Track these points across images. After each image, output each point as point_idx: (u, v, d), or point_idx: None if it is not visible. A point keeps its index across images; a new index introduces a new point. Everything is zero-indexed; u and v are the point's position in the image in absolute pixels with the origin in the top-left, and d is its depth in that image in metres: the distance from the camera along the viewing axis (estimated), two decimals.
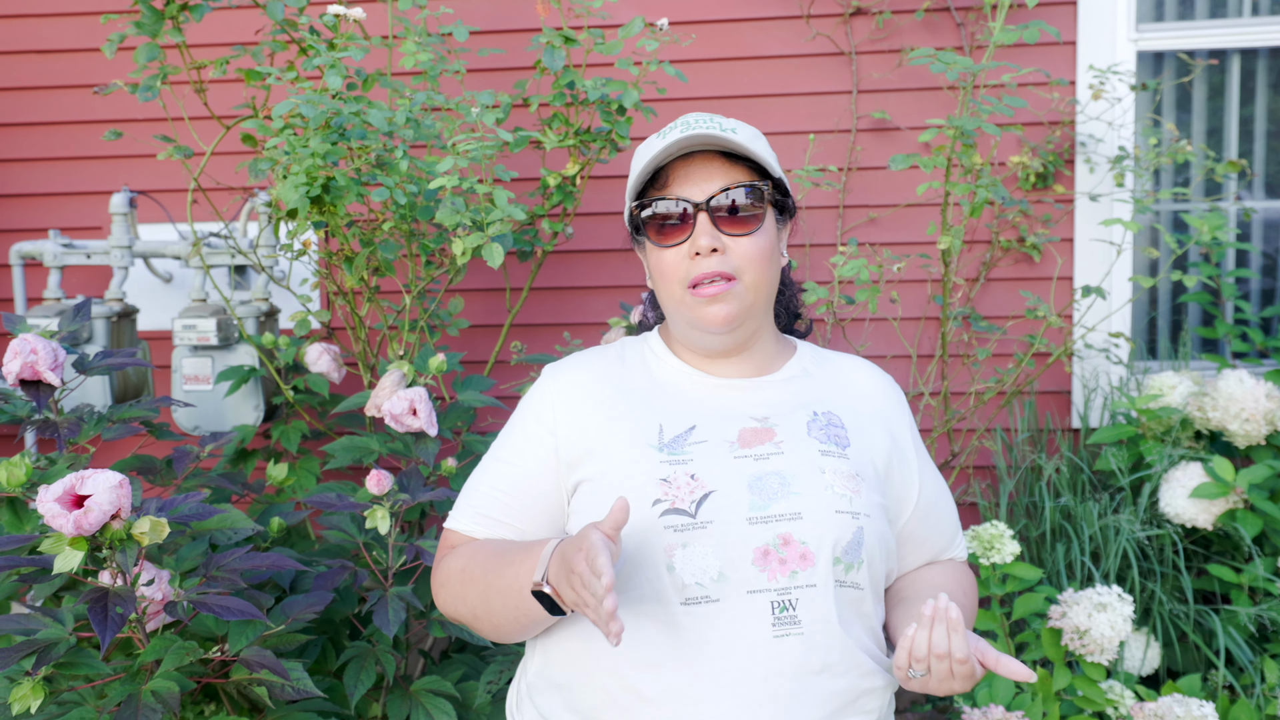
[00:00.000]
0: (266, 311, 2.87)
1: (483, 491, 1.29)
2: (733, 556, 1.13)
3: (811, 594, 1.13)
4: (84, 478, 1.46)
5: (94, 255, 2.95)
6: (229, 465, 2.66)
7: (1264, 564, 2.44)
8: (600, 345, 1.38)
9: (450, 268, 2.45)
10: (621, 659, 1.15)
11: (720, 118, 1.24)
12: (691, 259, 1.21)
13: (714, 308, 1.21)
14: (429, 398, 2.12)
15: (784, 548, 1.14)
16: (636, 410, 1.25)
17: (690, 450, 1.19)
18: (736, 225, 1.21)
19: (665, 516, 1.15)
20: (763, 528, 1.14)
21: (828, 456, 1.20)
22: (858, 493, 1.18)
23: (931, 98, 3.08)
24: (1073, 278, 3.08)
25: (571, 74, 2.39)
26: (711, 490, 1.15)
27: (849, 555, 1.16)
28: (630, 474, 1.18)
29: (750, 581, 1.13)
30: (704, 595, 1.13)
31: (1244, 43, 3.11)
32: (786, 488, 1.16)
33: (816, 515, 1.15)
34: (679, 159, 1.24)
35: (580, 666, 1.19)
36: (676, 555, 1.14)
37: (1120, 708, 2.20)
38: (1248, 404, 2.47)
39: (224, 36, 3.09)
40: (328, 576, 1.92)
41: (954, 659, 1.07)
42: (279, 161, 2.12)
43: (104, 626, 1.38)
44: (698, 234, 1.20)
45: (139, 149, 3.04)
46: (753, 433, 1.21)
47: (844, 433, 1.24)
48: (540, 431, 1.26)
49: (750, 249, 1.21)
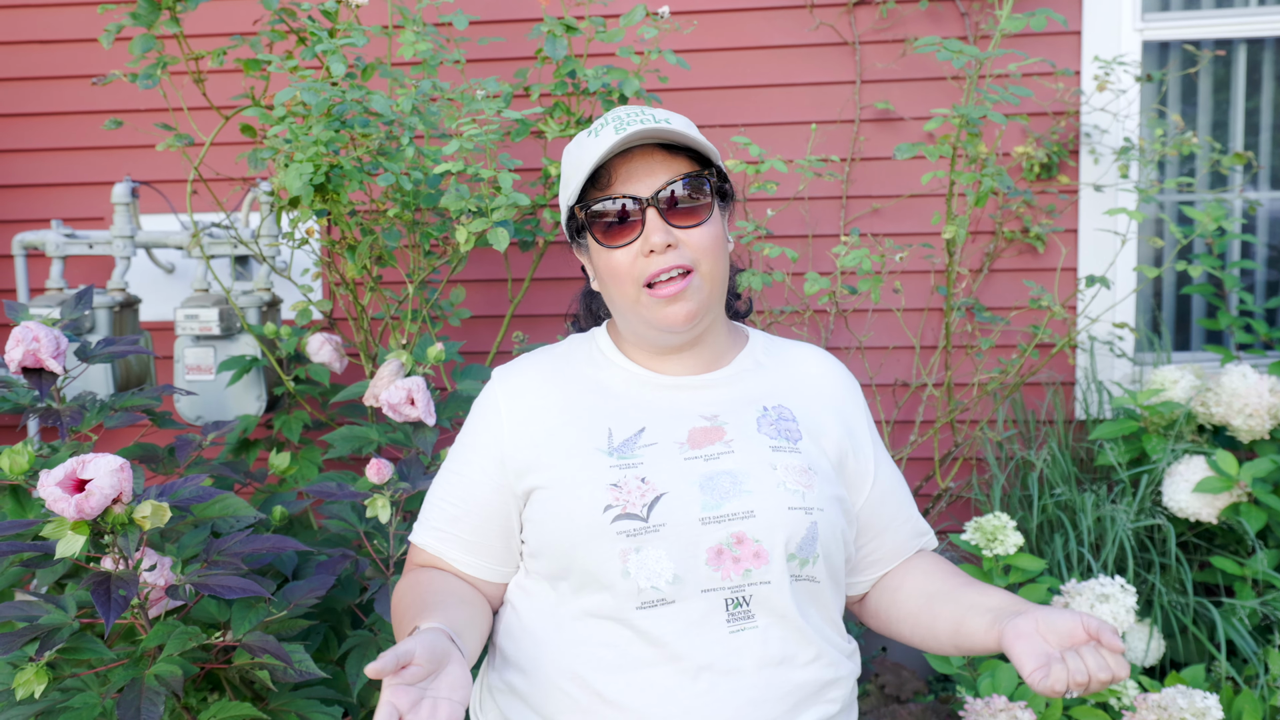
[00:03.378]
0: (268, 302, 2.87)
1: (434, 504, 1.29)
2: (686, 558, 1.13)
3: (766, 590, 1.13)
4: (85, 462, 1.46)
5: (96, 245, 2.95)
6: (231, 455, 2.66)
7: (1268, 557, 2.44)
8: (549, 345, 1.35)
9: (452, 257, 2.45)
10: (581, 662, 1.15)
11: (650, 109, 1.21)
12: (646, 257, 1.18)
13: (674, 307, 1.18)
14: (427, 387, 2.11)
15: (738, 546, 1.13)
16: (584, 415, 1.23)
17: (640, 453, 1.18)
18: (686, 217, 1.19)
19: (617, 522, 1.14)
20: (716, 527, 1.13)
21: (779, 452, 1.19)
22: (810, 487, 1.17)
23: (935, 88, 3.07)
24: (1076, 269, 3.07)
25: (573, 63, 2.38)
26: (663, 492, 1.15)
27: (804, 550, 1.16)
28: (580, 480, 1.17)
29: (704, 581, 1.13)
30: (660, 598, 1.13)
31: (1250, 33, 3.09)
32: (738, 486, 1.15)
33: (769, 513, 1.14)
34: (617, 156, 1.20)
35: (539, 670, 1.18)
36: (630, 560, 1.13)
37: (1124, 698, 2.20)
38: (1251, 399, 2.46)
39: (221, 27, 3.08)
40: (329, 564, 1.92)
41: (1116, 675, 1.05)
42: (280, 150, 2.11)
43: (107, 609, 1.38)
44: (649, 230, 1.17)
45: (140, 139, 3.03)
46: (702, 432, 1.20)
47: (795, 426, 1.23)
48: (487, 439, 1.25)
49: (703, 239, 1.19)
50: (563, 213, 1.27)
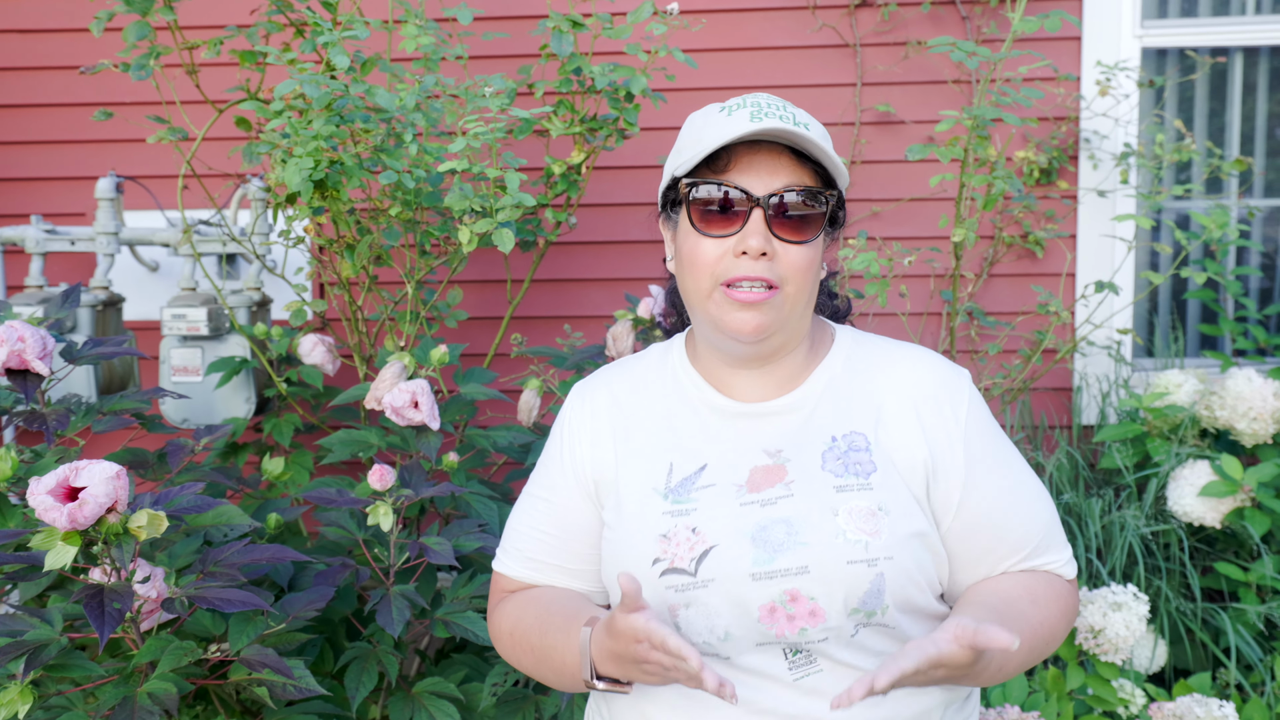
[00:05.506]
0: (259, 301, 2.79)
1: (524, 532, 1.24)
2: (738, 615, 1.07)
3: (825, 645, 1.07)
4: (78, 469, 1.39)
5: (78, 242, 2.86)
6: (219, 460, 2.58)
7: (1272, 562, 2.42)
8: (630, 357, 1.29)
9: (453, 257, 2.39)
10: (647, 704, 1.12)
11: (791, 107, 1.12)
12: (736, 257, 1.09)
13: (745, 314, 1.09)
14: (430, 390, 2.06)
15: (791, 604, 1.05)
16: (650, 444, 1.18)
17: (695, 497, 1.12)
18: (793, 231, 1.09)
19: (665, 576, 1.09)
20: (768, 584, 1.06)
21: (844, 493, 1.09)
22: (877, 534, 1.07)
23: (936, 91, 3.04)
24: (1075, 274, 3.05)
25: (579, 60, 2.33)
26: (713, 545, 1.08)
27: (868, 604, 1.06)
28: (633, 529, 1.13)
29: (758, 636, 1.07)
30: (713, 654, 1.08)
31: (1247, 41, 3.09)
32: (794, 537, 1.07)
33: (825, 569, 1.05)
34: (743, 144, 1.11)
35: (612, 708, 1.17)
36: (680, 615, 1.08)
37: (1131, 706, 2.17)
38: (1256, 403, 2.45)
39: (217, 19, 3.00)
40: (328, 574, 1.86)
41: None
42: (278, 145, 2.04)
43: (101, 623, 1.31)
44: (749, 231, 1.08)
45: (126, 133, 2.95)
46: (764, 472, 1.12)
47: (868, 456, 1.12)
48: (569, 462, 1.22)
49: (799, 259, 1.10)
50: (664, 178, 1.18)
